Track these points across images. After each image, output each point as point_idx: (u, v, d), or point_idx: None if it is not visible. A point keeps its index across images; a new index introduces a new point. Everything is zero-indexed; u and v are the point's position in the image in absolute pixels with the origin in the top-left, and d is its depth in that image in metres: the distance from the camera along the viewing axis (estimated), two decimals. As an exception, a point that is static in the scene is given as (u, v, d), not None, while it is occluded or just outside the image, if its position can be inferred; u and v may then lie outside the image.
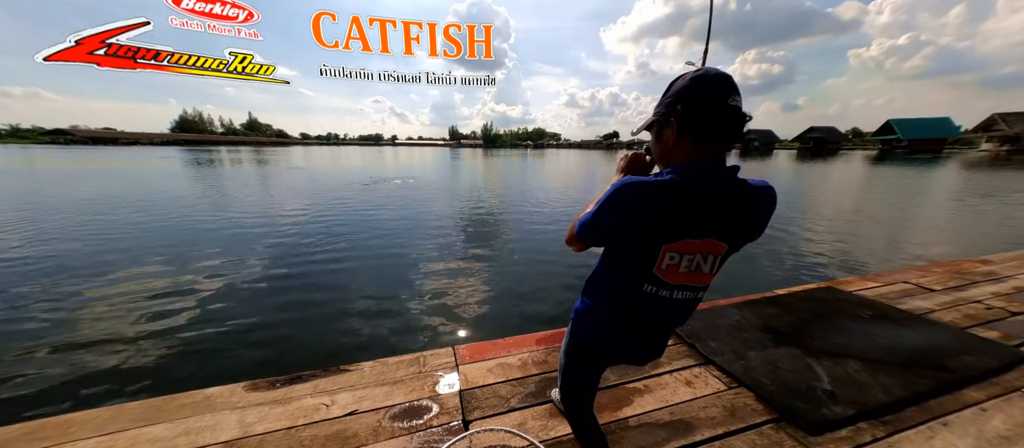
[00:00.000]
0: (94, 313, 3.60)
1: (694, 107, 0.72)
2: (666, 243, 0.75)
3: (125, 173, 17.53)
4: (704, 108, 0.72)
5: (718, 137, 0.73)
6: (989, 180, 15.43)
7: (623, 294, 0.84)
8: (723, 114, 0.71)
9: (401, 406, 1.64)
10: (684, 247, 0.76)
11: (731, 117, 0.71)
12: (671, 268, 0.77)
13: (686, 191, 0.73)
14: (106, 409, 1.61)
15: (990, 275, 3.10)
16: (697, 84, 0.73)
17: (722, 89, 0.71)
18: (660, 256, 0.76)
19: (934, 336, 2.13)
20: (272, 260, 5.21)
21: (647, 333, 0.91)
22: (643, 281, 0.80)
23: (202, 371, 2.74)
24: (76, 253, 5.42)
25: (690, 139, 0.74)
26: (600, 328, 0.92)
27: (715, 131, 0.73)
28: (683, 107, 0.73)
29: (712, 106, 0.71)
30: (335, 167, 24.12)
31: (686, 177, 0.73)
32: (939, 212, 9.21)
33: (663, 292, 0.81)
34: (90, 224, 7.17)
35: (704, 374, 1.84)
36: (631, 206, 0.73)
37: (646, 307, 0.84)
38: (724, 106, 0.71)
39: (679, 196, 0.72)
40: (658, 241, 0.75)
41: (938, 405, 1.61)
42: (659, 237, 0.75)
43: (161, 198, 10.35)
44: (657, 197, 0.72)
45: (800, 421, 1.50)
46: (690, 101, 0.73)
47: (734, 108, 0.71)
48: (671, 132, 0.76)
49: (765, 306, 2.51)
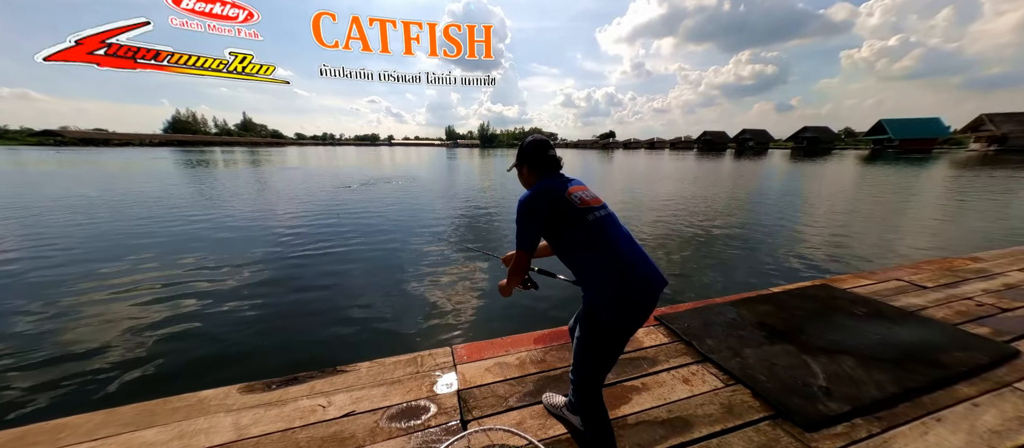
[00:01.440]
0: (85, 315, 3.54)
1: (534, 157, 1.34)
2: (564, 193, 1.23)
3: (117, 175, 17.28)
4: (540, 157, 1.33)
5: (551, 170, 1.33)
6: (977, 179, 15.70)
7: (586, 235, 1.19)
8: (549, 159, 1.34)
9: (399, 406, 1.63)
10: (573, 190, 1.25)
11: (553, 160, 1.34)
12: (583, 201, 1.23)
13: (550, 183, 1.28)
14: (97, 413, 1.58)
15: (981, 272, 3.15)
16: (533, 145, 1.35)
17: (546, 146, 1.35)
18: (571, 199, 1.21)
19: (927, 332, 2.16)
20: (267, 261, 5.16)
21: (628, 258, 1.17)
22: (584, 214, 1.20)
23: (196, 373, 2.71)
24: (66, 255, 5.33)
25: (537, 173, 1.34)
26: (608, 288, 1.14)
27: (548, 167, 1.33)
28: (528, 158, 1.35)
29: (543, 156, 1.33)
30: (330, 167, 23.97)
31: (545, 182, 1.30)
32: (930, 210, 9.35)
33: (598, 213, 1.23)
34: (80, 226, 7.06)
35: (701, 372, 1.85)
36: (535, 202, 1.23)
37: (602, 229, 1.20)
38: (548, 155, 1.34)
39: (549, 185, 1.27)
40: (562, 194, 1.22)
41: (931, 400, 1.63)
42: (560, 194, 1.22)
43: (154, 199, 10.22)
44: (541, 191, 1.25)
45: (796, 418, 1.51)
46: (531, 155, 1.34)
47: (553, 155, 1.34)
48: (526, 170, 1.37)
49: (761, 304, 2.53)
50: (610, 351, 1.21)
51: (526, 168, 1.35)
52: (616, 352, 1.22)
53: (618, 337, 1.18)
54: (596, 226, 1.19)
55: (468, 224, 7.78)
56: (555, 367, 1.90)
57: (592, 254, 1.17)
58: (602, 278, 1.15)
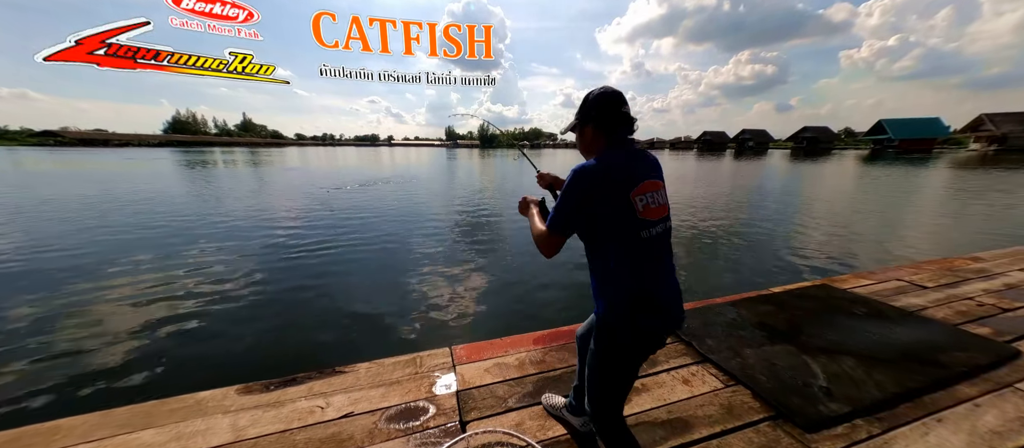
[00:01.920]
0: (81, 316, 3.54)
1: (604, 114, 1.05)
2: (631, 190, 0.98)
3: (114, 176, 17.27)
4: (611, 114, 1.04)
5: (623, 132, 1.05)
6: (977, 179, 15.70)
7: (628, 250, 0.99)
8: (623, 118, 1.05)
9: (397, 408, 1.62)
10: (643, 189, 1.00)
11: (628, 120, 1.06)
12: (647, 208, 0.99)
13: (619, 161, 1.00)
14: (93, 415, 1.57)
15: (981, 272, 3.14)
16: (603, 98, 1.05)
17: (620, 102, 1.05)
18: (634, 203, 0.98)
19: (927, 333, 2.15)
20: (265, 261, 5.15)
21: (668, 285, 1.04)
22: (637, 228, 0.98)
23: (194, 374, 2.70)
24: (62, 256, 5.32)
25: (606, 134, 1.06)
26: (627, 315, 0.99)
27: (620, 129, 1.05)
28: (597, 114, 1.06)
29: (616, 113, 1.04)
30: (330, 168, 23.97)
31: (613, 155, 1.02)
32: (930, 210, 9.35)
33: (654, 229, 1.01)
34: (77, 227, 7.05)
35: (701, 372, 1.84)
36: (590, 181, 0.98)
37: (650, 250, 1.00)
38: (622, 113, 1.04)
39: (617, 166, 1.00)
40: (626, 192, 0.98)
41: (932, 401, 1.62)
42: (625, 189, 0.98)
43: (151, 200, 10.21)
44: (604, 170, 0.98)
45: (797, 418, 1.50)
46: (600, 110, 1.05)
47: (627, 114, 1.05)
48: (590, 131, 1.08)
49: (761, 304, 2.53)
50: (628, 372, 1.07)
51: (591, 128, 1.06)
52: (634, 373, 1.09)
53: (635, 357, 1.05)
54: (646, 246, 0.98)
55: (467, 223, 7.78)
56: (554, 368, 1.89)
57: (625, 274, 0.98)
58: (625, 303, 0.99)
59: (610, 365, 1.06)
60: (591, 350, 1.09)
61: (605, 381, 1.08)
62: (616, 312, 1.00)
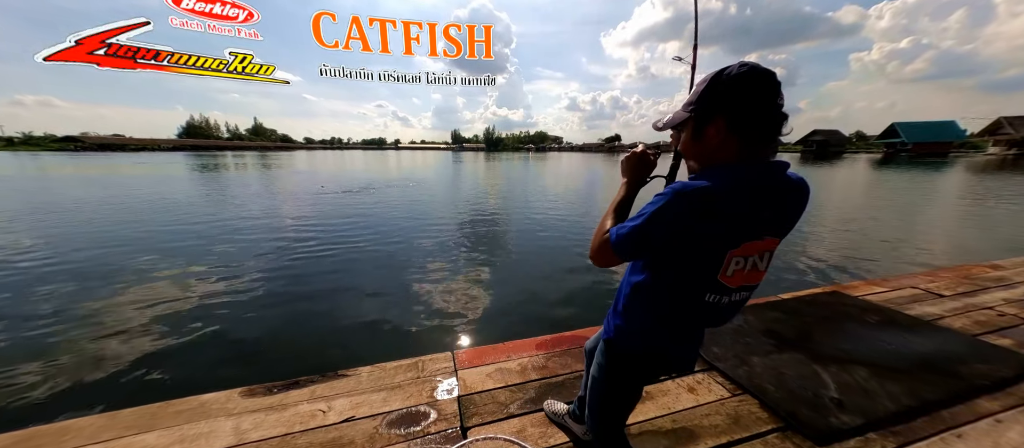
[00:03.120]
0: (90, 319, 3.61)
1: (746, 106, 0.67)
2: (732, 249, 0.71)
3: (130, 180, 17.74)
4: (757, 108, 0.67)
5: (769, 139, 0.69)
6: (996, 184, 15.24)
7: (680, 306, 0.80)
8: (774, 116, 0.68)
9: (399, 412, 1.61)
10: (748, 250, 0.72)
11: (780, 119, 0.68)
12: (736, 273, 0.74)
13: (744, 195, 0.68)
14: (100, 416, 1.59)
15: (1001, 281, 3.03)
16: (748, 81, 0.66)
17: (772, 89, 0.66)
18: (726, 263, 0.72)
19: (944, 343, 2.08)
20: (269, 264, 5.21)
21: (694, 340, 0.91)
22: (706, 291, 0.75)
23: (197, 376, 2.73)
24: (73, 260, 5.47)
25: (740, 140, 0.69)
26: (645, 347, 0.89)
27: (767, 133, 0.69)
28: (735, 105, 0.68)
29: (765, 106, 0.67)
30: (337, 170, 24.31)
31: (741, 179, 0.69)
32: (946, 216, 9.09)
33: (724, 298, 0.77)
34: (87, 231, 7.24)
35: (707, 380, 1.80)
36: (690, 215, 0.68)
37: (704, 316, 0.81)
38: (774, 107, 0.67)
39: (739, 200, 0.68)
40: (724, 248, 0.71)
41: (950, 415, 1.56)
42: (725, 244, 0.70)
43: (161, 204, 10.45)
44: (718, 204, 0.67)
45: (806, 430, 1.46)
46: (742, 99, 0.67)
47: (781, 109, 0.68)
48: (716, 131, 0.70)
49: (768, 310, 2.47)
50: (632, 393, 1.02)
51: (722, 126, 0.69)
52: (638, 394, 1.04)
53: (640, 382, 1.01)
54: (705, 311, 0.79)
55: (470, 227, 7.79)
56: (557, 374, 1.87)
57: (665, 320, 0.84)
58: (645, 339, 0.88)
59: (614, 387, 1.00)
60: (595, 367, 1.02)
61: (608, 401, 1.03)
62: (629, 345, 0.91)
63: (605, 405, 1.04)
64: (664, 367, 0.96)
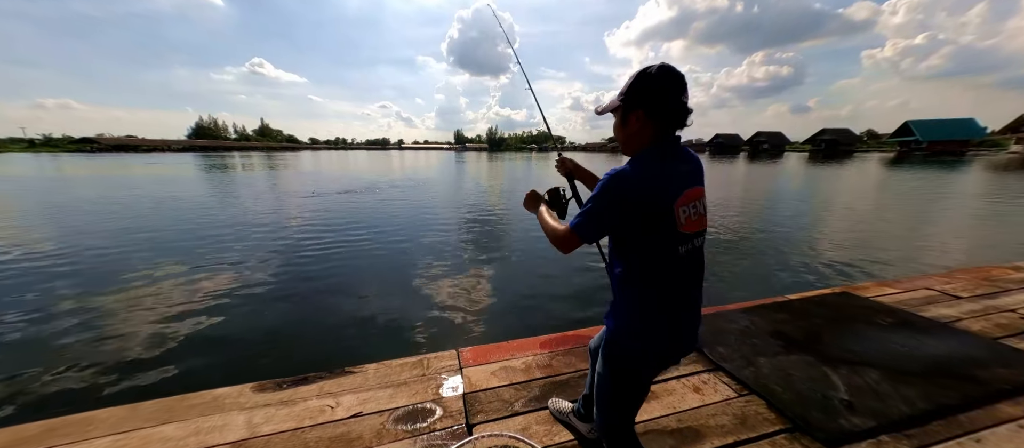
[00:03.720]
0: (112, 315, 3.72)
1: (660, 100, 0.87)
2: (675, 200, 0.86)
3: (144, 181, 18.16)
4: (669, 102, 0.86)
5: (676, 128, 0.90)
6: (1019, 183, 14.77)
7: (663, 265, 0.89)
8: (681, 109, 0.87)
9: (405, 409, 1.63)
10: (688, 197, 0.88)
11: (685, 112, 0.88)
12: (688, 220, 0.88)
13: (665, 162, 0.88)
14: (122, 408, 1.64)
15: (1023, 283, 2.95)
16: (663, 79, 0.85)
17: (681, 87, 0.86)
18: (676, 214, 0.86)
19: (962, 346, 2.03)
20: (277, 264, 5.30)
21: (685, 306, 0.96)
22: (675, 244, 0.87)
23: (212, 371, 2.80)
24: (90, 259, 5.62)
25: (657, 127, 0.89)
26: (645, 338, 0.93)
27: (675, 123, 0.89)
28: (652, 99, 0.87)
29: (674, 101, 0.86)
30: (342, 171, 24.57)
31: (659, 154, 0.88)
32: (963, 216, 8.84)
33: (690, 244, 0.90)
34: (107, 229, 7.43)
35: (713, 380, 1.79)
36: (628, 188, 0.84)
37: (684, 270, 0.91)
38: (681, 102, 0.86)
39: (662, 167, 0.87)
40: (669, 202, 0.85)
41: (969, 420, 1.52)
42: (669, 198, 0.85)
43: (174, 203, 10.68)
44: (647, 174, 0.85)
45: (815, 432, 1.44)
46: (657, 94, 0.87)
47: (686, 104, 0.87)
48: (636, 118, 0.89)
49: (775, 311, 2.44)
50: (639, 388, 1.03)
51: (641, 115, 0.87)
52: (644, 392, 1.04)
53: (646, 376, 1.02)
54: (682, 263, 0.89)
55: (475, 226, 7.81)
56: (561, 372, 1.87)
57: (651, 293, 0.91)
58: (643, 324, 0.93)
59: (620, 383, 1.01)
60: (601, 363, 1.05)
61: (615, 398, 1.04)
62: (629, 333, 0.95)
63: (613, 403, 1.04)
64: (665, 353, 0.97)
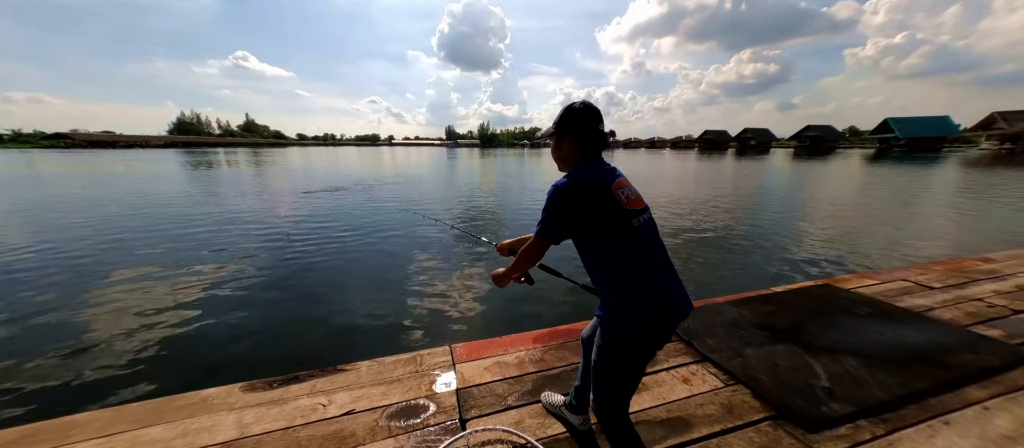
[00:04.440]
0: (94, 316, 3.60)
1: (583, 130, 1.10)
2: (611, 186, 1.04)
3: (124, 178, 17.54)
4: (589, 131, 1.10)
5: (598, 151, 1.13)
6: (989, 179, 15.41)
7: (624, 241, 1.02)
8: (600, 136, 1.12)
9: (398, 405, 1.63)
10: (620, 184, 1.06)
11: (603, 138, 1.12)
12: (629, 200, 1.05)
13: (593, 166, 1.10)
14: (106, 411, 1.61)
15: (992, 273, 3.09)
16: (583, 114, 1.10)
17: (598, 119, 1.10)
18: (617, 197, 1.03)
19: (934, 334, 2.12)
20: (268, 261, 5.20)
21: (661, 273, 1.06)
22: (627, 218, 1.03)
23: (200, 372, 2.74)
24: (76, 257, 5.42)
25: (581, 150, 1.12)
26: (633, 315, 1.01)
27: (596, 146, 1.12)
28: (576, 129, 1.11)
29: (594, 130, 1.10)
30: (331, 167, 24.16)
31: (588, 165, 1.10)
32: (938, 210, 9.19)
33: (640, 218, 1.05)
34: (88, 228, 7.18)
35: (701, 371, 1.83)
36: (571, 191, 1.04)
37: (644, 239, 1.05)
38: (599, 130, 1.11)
39: (591, 170, 1.08)
40: (607, 188, 1.03)
41: (939, 403, 1.60)
42: (605, 185, 1.04)
43: (157, 201, 10.36)
44: (580, 178, 1.05)
45: (798, 419, 1.49)
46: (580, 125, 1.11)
47: (603, 132, 1.12)
48: (568, 143, 1.13)
49: (761, 304, 2.51)
50: (634, 372, 1.08)
51: (569, 141, 1.11)
52: (640, 373, 1.09)
53: (641, 358, 1.06)
54: (636, 237, 1.02)
55: (466, 222, 7.79)
56: (553, 366, 1.89)
57: (623, 270, 1.02)
58: (627, 301, 1.01)
59: (616, 367, 1.06)
60: (596, 352, 1.09)
61: (612, 383, 1.09)
62: (619, 312, 1.02)
63: (609, 384, 1.09)
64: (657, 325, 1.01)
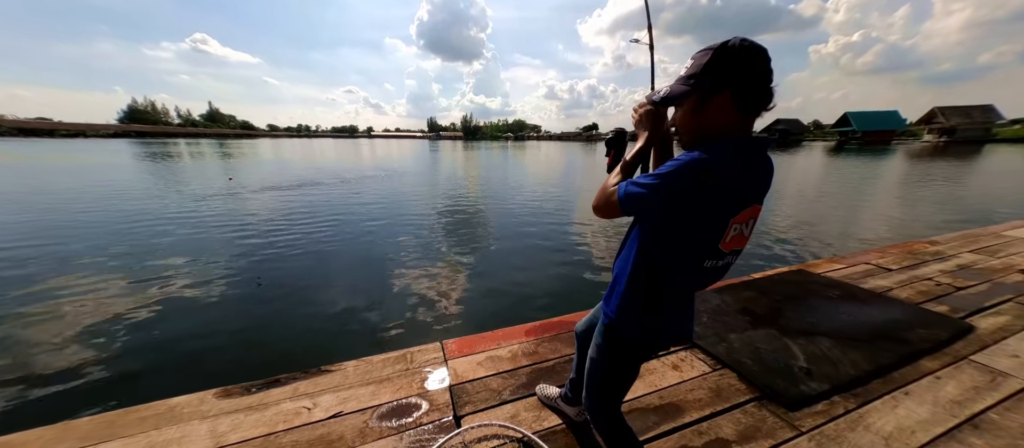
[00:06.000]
0: (41, 321, 3.25)
1: (750, 80, 0.71)
2: (733, 216, 0.75)
3: (72, 169, 15.91)
4: (758, 82, 0.71)
5: (761, 112, 0.74)
6: (931, 169, 16.90)
7: (681, 274, 0.82)
8: (769, 91, 0.72)
9: (389, 405, 1.57)
10: (743, 216, 0.77)
11: (771, 94, 0.73)
12: (733, 239, 0.78)
13: (741, 165, 0.74)
14: (51, 427, 1.44)
15: (937, 254, 3.38)
16: (752, 55, 0.69)
17: (769, 64, 0.71)
18: (727, 230, 0.76)
19: (893, 312, 2.30)
20: (242, 258, 4.89)
21: (688, 309, 0.94)
22: (706, 258, 0.78)
23: (165, 379, 2.54)
24: (19, 254, 4.86)
25: (743, 113, 0.73)
26: (644, 328, 0.91)
27: (762, 106, 0.73)
28: (740, 78, 0.71)
29: (764, 81, 0.71)
30: (307, 160, 22.98)
31: (739, 150, 0.73)
32: (891, 198, 10.00)
33: (718, 262, 0.80)
34: (35, 224, 6.45)
35: (690, 357, 1.89)
36: (696, 183, 0.71)
37: (699, 281, 0.84)
38: (769, 82, 0.72)
39: (737, 171, 0.73)
40: (727, 216, 0.75)
41: (900, 376, 1.73)
42: (727, 212, 0.74)
43: (110, 194, 9.48)
44: (720, 174, 0.71)
45: (780, 399, 1.57)
46: (747, 73, 0.70)
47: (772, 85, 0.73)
48: (720, 103, 0.73)
49: (742, 290, 2.62)
50: (630, 377, 1.02)
51: (728, 97, 0.71)
52: (635, 377, 1.03)
53: (638, 362, 1.00)
54: (701, 275, 0.82)
55: (451, 216, 7.66)
56: (547, 359, 1.89)
57: (660, 294, 0.86)
58: (644, 315, 0.90)
59: (614, 369, 1.01)
60: (593, 348, 1.04)
61: (607, 383, 1.04)
62: (633, 321, 0.92)
63: (604, 386, 1.04)
64: (663, 343, 0.98)
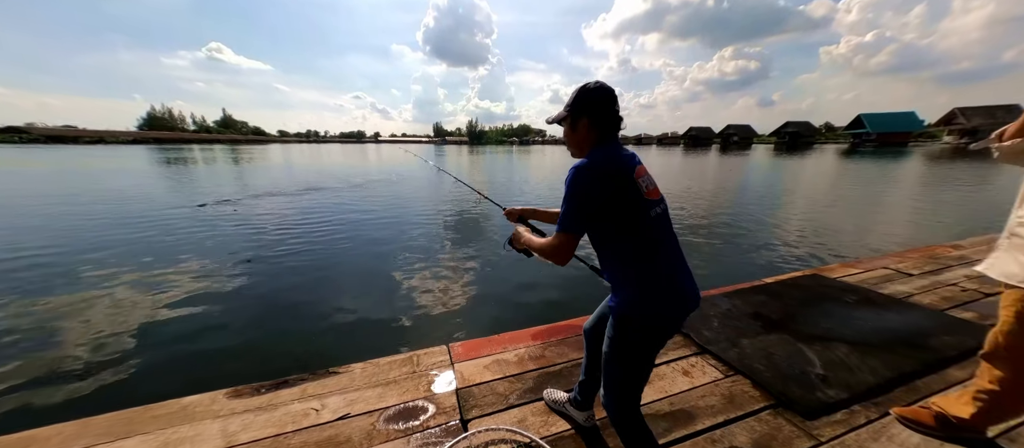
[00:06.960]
0: (61, 321, 3.35)
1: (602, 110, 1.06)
2: (632, 173, 1.01)
3: (94, 173, 16.51)
4: (607, 112, 1.06)
5: (614, 132, 1.08)
6: (953, 171, 16.35)
7: (641, 231, 1.00)
8: (616, 117, 1.07)
9: (396, 408, 1.57)
10: (639, 172, 1.03)
11: (618, 120, 1.08)
12: (648, 190, 1.02)
13: (614, 154, 1.04)
14: (70, 424, 1.48)
15: (962, 259, 3.26)
16: (600, 94, 1.06)
17: (614, 100, 1.07)
18: (638, 185, 1.00)
19: (915, 319, 2.21)
20: (254, 262, 4.98)
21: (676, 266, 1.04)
22: (646, 209, 1.00)
23: (179, 379, 2.59)
24: (42, 257, 5.05)
25: (600, 131, 1.07)
26: (648, 305, 1.00)
27: (613, 127, 1.07)
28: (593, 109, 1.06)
29: (611, 111, 1.06)
30: (316, 165, 23.39)
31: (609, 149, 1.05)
32: (910, 201, 9.69)
33: (657, 209, 1.03)
34: (58, 227, 6.69)
35: (701, 363, 1.85)
36: (594, 175, 0.99)
37: (659, 230, 1.02)
38: (616, 112, 1.07)
39: (612, 154, 1.03)
40: (629, 175, 1.00)
41: (925, 385, 1.66)
42: (627, 173, 1.00)
43: (130, 198, 9.78)
44: (603, 161, 1.01)
45: (797, 406, 1.52)
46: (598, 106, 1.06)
47: (618, 113, 1.07)
48: (584, 125, 1.07)
49: (753, 295, 2.56)
50: (646, 362, 1.05)
51: (586, 123, 1.06)
52: (651, 363, 1.06)
53: (653, 347, 1.04)
54: (654, 226, 1.00)
55: (458, 221, 7.69)
56: (555, 363, 1.87)
57: (640, 261, 0.99)
58: (642, 292, 0.99)
59: (629, 358, 1.04)
60: (607, 344, 1.07)
61: (624, 374, 1.07)
62: (634, 302, 1.00)
63: (623, 379, 1.07)
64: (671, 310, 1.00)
